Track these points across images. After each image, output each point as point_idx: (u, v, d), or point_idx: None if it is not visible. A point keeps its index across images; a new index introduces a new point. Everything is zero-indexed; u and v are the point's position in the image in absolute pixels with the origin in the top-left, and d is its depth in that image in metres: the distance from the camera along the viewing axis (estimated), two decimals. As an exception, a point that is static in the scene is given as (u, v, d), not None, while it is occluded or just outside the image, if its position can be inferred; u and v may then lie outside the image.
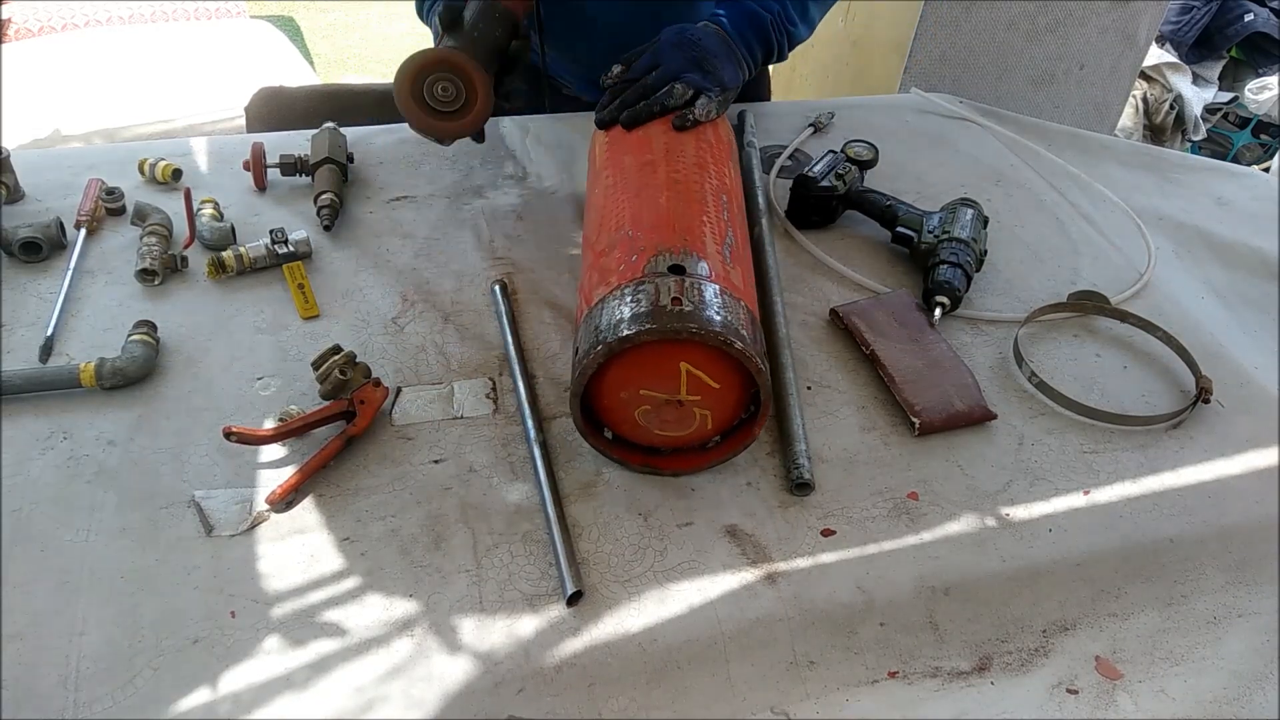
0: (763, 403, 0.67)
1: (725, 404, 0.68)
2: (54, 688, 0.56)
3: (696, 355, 0.65)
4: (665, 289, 0.65)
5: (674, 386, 0.66)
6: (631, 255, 0.70)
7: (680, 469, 0.72)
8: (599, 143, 0.92)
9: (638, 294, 0.66)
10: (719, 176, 0.82)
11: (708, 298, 0.65)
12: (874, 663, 0.62)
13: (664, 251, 0.69)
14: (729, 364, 0.66)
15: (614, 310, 0.65)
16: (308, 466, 0.69)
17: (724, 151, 0.88)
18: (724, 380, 0.66)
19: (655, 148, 0.84)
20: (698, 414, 0.68)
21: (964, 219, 0.93)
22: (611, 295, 0.67)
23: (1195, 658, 0.65)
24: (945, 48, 1.49)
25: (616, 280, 0.68)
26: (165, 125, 2.18)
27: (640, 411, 0.68)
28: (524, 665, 0.59)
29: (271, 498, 0.67)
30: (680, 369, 0.65)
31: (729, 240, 0.75)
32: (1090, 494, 0.73)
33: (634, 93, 0.90)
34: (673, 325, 0.62)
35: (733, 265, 0.72)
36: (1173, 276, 1.01)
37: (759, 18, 0.99)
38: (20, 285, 0.86)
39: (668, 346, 0.64)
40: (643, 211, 0.75)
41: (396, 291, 0.88)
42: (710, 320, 0.63)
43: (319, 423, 0.72)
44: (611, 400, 0.68)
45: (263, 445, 0.71)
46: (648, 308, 0.64)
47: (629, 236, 0.73)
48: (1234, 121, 2.97)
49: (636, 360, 0.65)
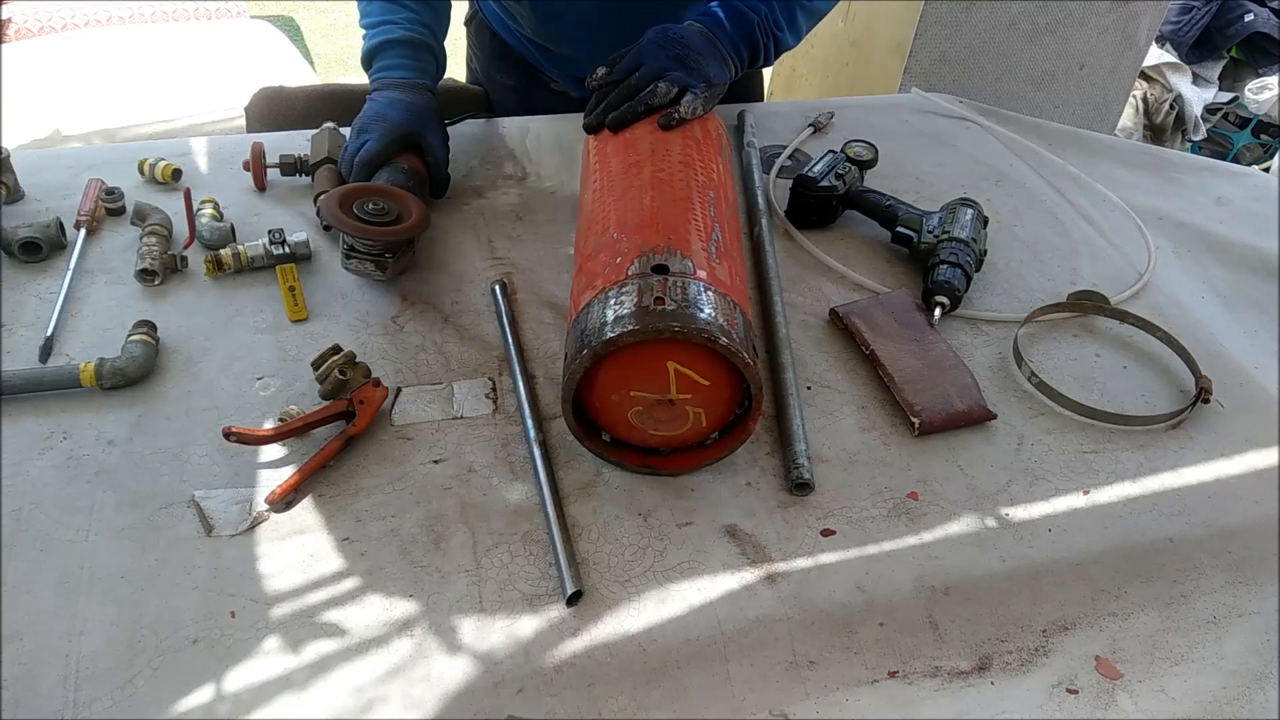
0: (754, 396, 0.67)
1: (718, 400, 0.68)
2: (53, 688, 0.56)
3: (683, 353, 0.64)
4: (648, 289, 0.65)
5: (664, 386, 0.66)
6: (616, 258, 0.70)
7: (678, 468, 0.72)
8: (589, 147, 0.92)
9: (621, 296, 0.66)
10: (706, 173, 0.82)
11: (692, 295, 0.65)
12: (874, 662, 0.62)
13: (648, 251, 0.69)
14: (717, 360, 0.65)
15: (599, 313, 0.66)
16: (307, 467, 0.69)
17: (712, 148, 0.87)
18: (713, 377, 0.66)
19: (641, 148, 0.83)
20: (691, 412, 0.68)
21: (964, 219, 0.93)
22: (596, 299, 0.67)
23: (1195, 658, 0.65)
24: (945, 48, 1.49)
25: (601, 283, 0.68)
26: (165, 125, 2.18)
27: (633, 412, 0.68)
28: (523, 665, 0.59)
29: (271, 498, 0.67)
30: (668, 368, 0.65)
31: (715, 236, 0.74)
32: (1090, 494, 0.73)
33: (618, 94, 0.90)
34: (655, 325, 0.62)
35: (719, 261, 0.72)
36: (1173, 276, 1.01)
37: (745, 17, 0.99)
38: (20, 285, 0.86)
39: (654, 346, 0.64)
40: (628, 213, 0.75)
41: (396, 291, 0.88)
42: (694, 318, 0.63)
43: (319, 423, 0.72)
44: (604, 403, 0.68)
45: (262, 445, 0.71)
46: (631, 309, 0.64)
47: (614, 239, 0.73)
48: (1234, 121, 2.97)
49: (624, 362, 0.65)
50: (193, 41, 2.54)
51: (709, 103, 0.92)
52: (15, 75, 2.24)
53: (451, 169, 1.01)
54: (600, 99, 0.92)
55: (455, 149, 1.10)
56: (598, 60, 0.94)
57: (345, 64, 3.87)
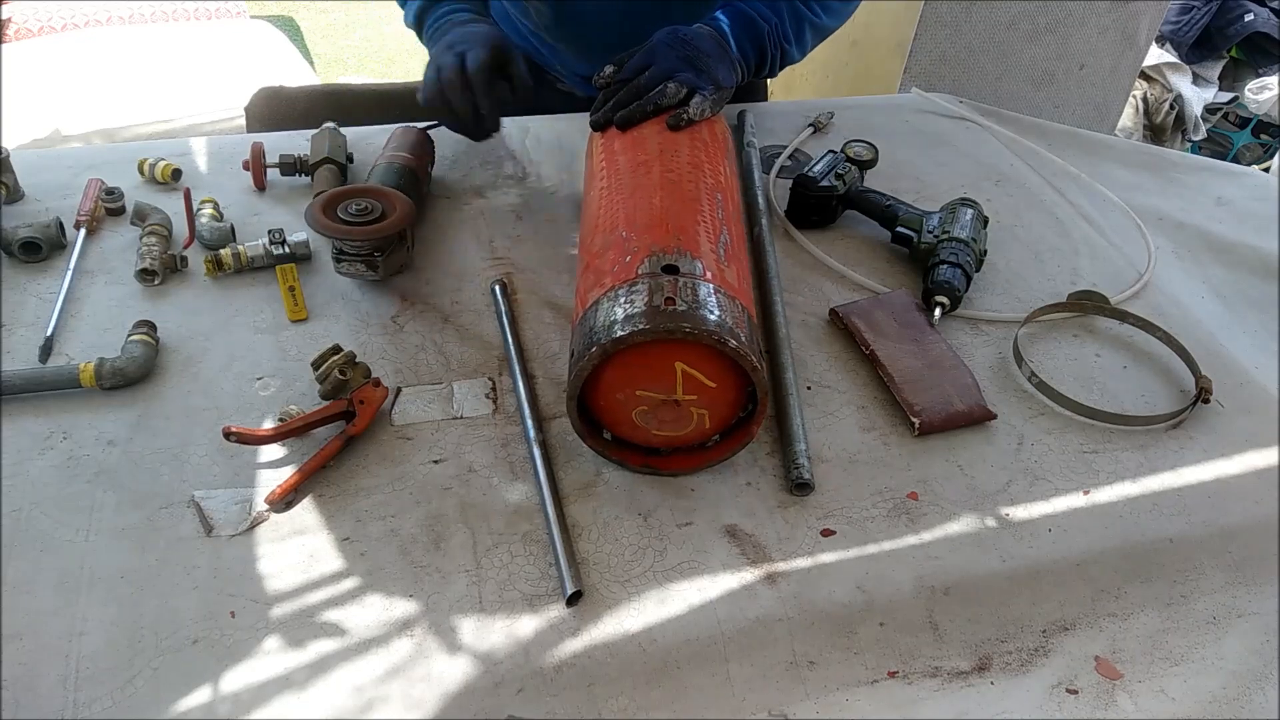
0: (760, 400, 0.67)
1: (722, 402, 0.68)
2: (53, 688, 0.56)
3: (691, 355, 0.64)
4: (659, 289, 0.65)
5: (670, 386, 0.66)
6: (625, 256, 0.70)
7: (679, 469, 0.72)
8: (594, 144, 0.92)
9: (631, 294, 0.65)
10: (714, 175, 0.82)
11: (702, 296, 0.65)
12: (874, 663, 0.62)
13: (658, 252, 0.69)
14: (724, 363, 0.65)
15: (608, 311, 0.65)
16: (307, 467, 0.69)
17: (719, 150, 0.87)
18: (720, 379, 0.66)
19: (649, 148, 0.83)
20: (695, 413, 0.68)
21: (964, 219, 0.93)
22: (605, 296, 0.67)
23: (1195, 658, 0.65)
24: (945, 48, 1.49)
25: (610, 281, 0.68)
26: (165, 125, 2.18)
27: (638, 412, 0.68)
28: (523, 665, 0.59)
29: (270, 498, 0.67)
30: (676, 369, 0.65)
31: (724, 239, 0.74)
32: (1090, 494, 0.73)
33: (627, 93, 0.90)
34: (666, 325, 0.62)
35: (727, 264, 0.72)
36: (1173, 276, 1.01)
37: (756, 24, 0.99)
38: (20, 285, 0.86)
39: (662, 346, 0.64)
40: (637, 212, 0.75)
41: (396, 291, 0.88)
42: (704, 319, 0.63)
43: (319, 423, 0.72)
44: (609, 401, 0.68)
45: (262, 445, 0.71)
46: (642, 308, 0.64)
47: (623, 238, 0.72)
48: (1234, 121, 2.97)
49: (632, 361, 0.65)
50: (193, 41, 2.54)
51: (717, 105, 0.92)
52: (15, 75, 2.24)
53: (451, 169, 1.01)
54: (608, 96, 0.91)
55: (455, 149, 1.10)
56: (611, 61, 0.94)
57: (345, 64, 3.87)
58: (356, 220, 0.82)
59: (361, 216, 0.82)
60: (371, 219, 0.82)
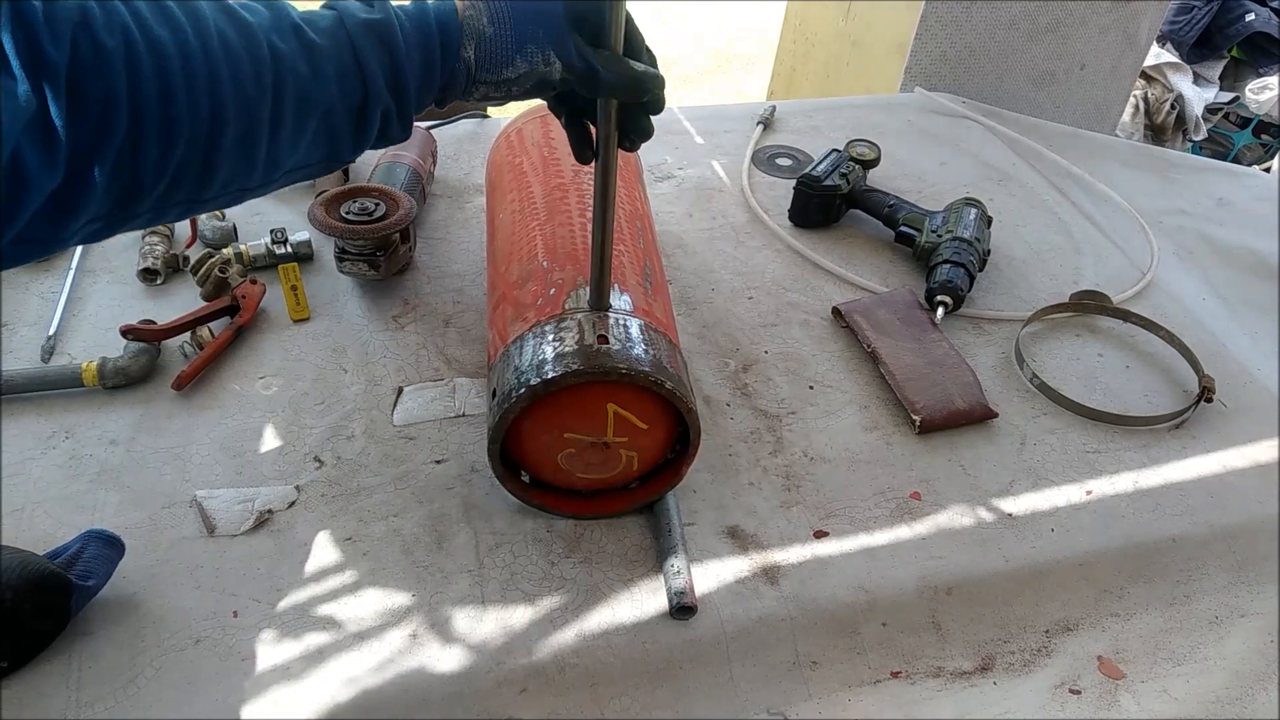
0: (691, 441, 0.65)
1: (653, 443, 0.65)
2: (55, 687, 0.56)
3: (625, 396, 0.61)
4: (589, 326, 0.61)
5: (600, 428, 0.62)
6: (549, 289, 0.66)
7: (601, 513, 0.68)
8: (500, 154, 0.87)
9: (560, 331, 0.62)
10: (630, 201, 0.79)
11: (633, 334, 0.62)
12: (876, 663, 0.62)
13: (584, 285, 0.65)
14: (657, 404, 0.63)
15: (535, 349, 0.62)
16: (205, 355, 0.76)
17: (632, 174, 0.84)
18: (652, 420, 0.63)
19: (563, 170, 0.78)
20: (624, 455, 0.64)
21: (967, 218, 0.93)
22: (530, 332, 0.63)
23: (1198, 658, 0.65)
24: (946, 47, 1.49)
25: (535, 316, 0.64)
26: (166, 125, 2.18)
27: (563, 455, 0.64)
28: (526, 665, 0.59)
29: (175, 383, 0.74)
30: (608, 410, 0.61)
31: (648, 269, 0.72)
32: (1093, 493, 0.73)
33: None
34: (602, 365, 0.59)
35: (654, 297, 0.69)
36: (1175, 276, 1.01)
37: None
38: (22, 285, 0.85)
39: (595, 388, 0.60)
40: (556, 240, 0.71)
41: (397, 291, 0.88)
42: (639, 359, 0.60)
43: (208, 317, 0.80)
44: (533, 444, 0.64)
45: (160, 340, 0.77)
46: (574, 346, 0.60)
47: (544, 268, 0.68)
48: (1235, 121, 2.97)
49: (561, 402, 0.61)
50: (193, 41, 2.54)
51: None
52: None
53: (451, 169, 1.01)
54: None
55: (455, 149, 1.10)
56: None
57: (345, 63, 3.85)
58: (359, 220, 0.82)
59: (364, 216, 0.82)
60: (374, 218, 0.82)
